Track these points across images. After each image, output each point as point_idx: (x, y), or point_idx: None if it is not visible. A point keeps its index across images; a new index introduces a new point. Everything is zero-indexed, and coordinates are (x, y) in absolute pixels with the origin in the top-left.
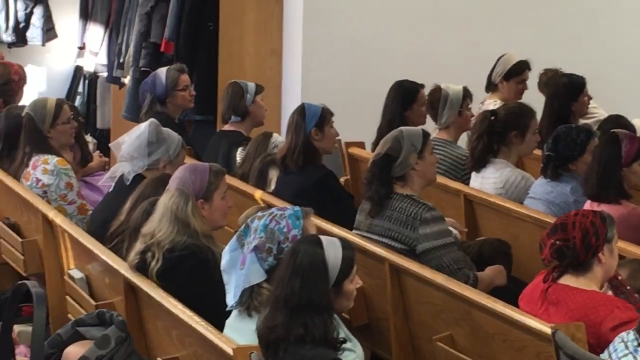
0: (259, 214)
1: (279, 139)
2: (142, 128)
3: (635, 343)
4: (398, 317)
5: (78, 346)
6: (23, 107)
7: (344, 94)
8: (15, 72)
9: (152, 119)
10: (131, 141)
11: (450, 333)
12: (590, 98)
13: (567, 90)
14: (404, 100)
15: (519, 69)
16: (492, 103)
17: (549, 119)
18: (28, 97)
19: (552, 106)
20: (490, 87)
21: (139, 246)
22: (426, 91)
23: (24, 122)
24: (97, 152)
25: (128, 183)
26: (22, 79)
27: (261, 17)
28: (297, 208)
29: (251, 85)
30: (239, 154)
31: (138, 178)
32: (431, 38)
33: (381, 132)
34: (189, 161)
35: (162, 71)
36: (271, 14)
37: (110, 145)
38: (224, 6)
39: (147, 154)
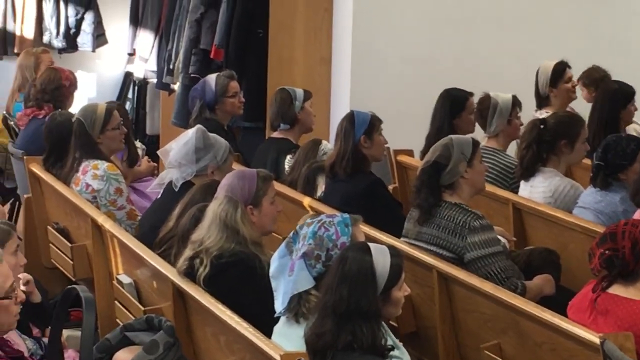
0: (308, 220)
1: (328, 146)
2: (189, 135)
3: None
4: (446, 326)
5: (126, 351)
6: (70, 113)
7: (393, 101)
8: (66, 78)
9: (198, 126)
10: (179, 148)
11: (498, 342)
12: (636, 109)
13: (616, 97)
14: (453, 108)
15: (560, 70)
16: (545, 113)
17: (596, 125)
18: (78, 103)
19: (600, 111)
20: (542, 100)
21: (187, 252)
22: (474, 99)
23: (74, 128)
24: (146, 157)
25: (177, 189)
26: (73, 85)
27: (311, 25)
28: (346, 215)
29: (299, 92)
30: (288, 162)
31: (186, 184)
32: (480, 46)
33: (430, 140)
34: (237, 168)
35: (211, 78)
36: (321, 22)
37: (158, 152)
38: (274, 13)
39: (195, 161)
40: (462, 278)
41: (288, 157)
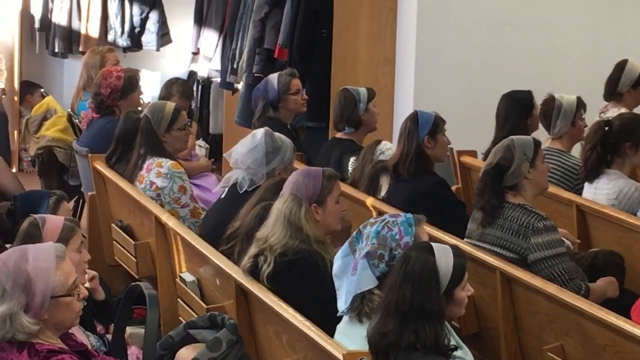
0: (372, 220)
1: (386, 146)
2: (258, 139)
3: None
4: (508, 327)
5: (189, 349)
6: (140, 112)
7: (456, 102)
8: (107, 85)
9: (266, 128)
10: (247, 152)
11: (561, 344)
12: None
13: None
14: (525, 109)
15: None
16: (617, 112)
17: None
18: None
19: None
20: (614, 95)
21: (252, 250)
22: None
23: (141, 124)
24: (202, 151)
25: (242, 192)
26: (118, 90)
27: (375, 25)
28: (409, 215)
29: (363, 92)
30: (352, 163)
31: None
32: (545, 46)
33: (495, 143)
34: (300, 167)
35: (273, 77)
36: (385, 22)
37: (225, 155)
38: (338, 13)
39: (265, 164)
40: (525, 279)
41: (352, 158)
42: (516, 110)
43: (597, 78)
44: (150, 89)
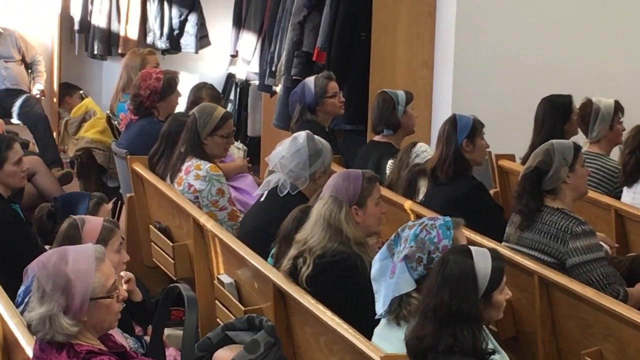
0: (410, 223)
1: (422, 148)
2: (300, 142)
3: None
4: (546, 331)
5: (227, 350)
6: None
7: (494, 106)
8: (146, 87)
9: (307, 131)
10: (290, 155)
11: (599, 348)
12: None
13: None
14: (563, 114)
15: None
16: None
17: None
18: (181, 104)
19: None
20: None
21: (291, 252)
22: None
23: (188, 122)
24: (239, 152)
25: (282, 195)
26: (157, 92)
27: (414, 28)
28: (447, 218)
29: (401, 95)
30: (389, 166)
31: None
32: (585, 50)
33: (535, 147)
34: (338, 169)
35: (310, 80)
36: (424, 25)
37: (265, 159)
38: (377, 16)
39: (308, 167)
40: (564, 283)
41: (390, 161)
42: (554, 115)
43: (636, 82)
44: (188, 92)
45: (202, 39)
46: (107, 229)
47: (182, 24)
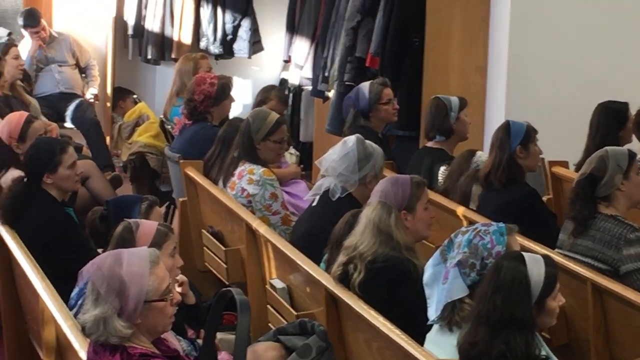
0: (463, 229)
1: (482, 157)
2: (350, 145)
3: None
4: (599, 339)
5: (270, 348)
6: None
7: (548, 112)
8: (200, 92)
9: (357, 135)
10: (340, 159)
11: None
12: None
13: None
14: (618, 121)
15: None
16: None
17: None
18: (234, 110)
19: None
20: None
21: (341, 258)
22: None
23: (241, 126)
24: (292, 158)
25: (334, 199)
26: (211, 97)
27: (467, 34)
28: (501, 224)
29: (454, 101)
30: (441, 173)
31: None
32: (639, 56)
33: (589, 153)
34: (390, 175)
35: (364, 85)
36: (477, 31)
37: (316, 162)
38: (430, 22)
39: (357, 170)
40: (617, 291)
41: (442, 167)
42: (609, 121)
43: None
44: (241, 97)
45: (255, 44)
46: (161, 233)
47: (236, 29)
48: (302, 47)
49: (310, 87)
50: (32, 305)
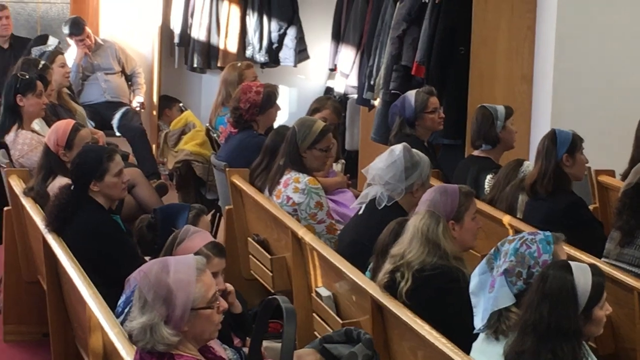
0: (510, 237)
1: (529, 168)
2: (397, 154)
3: None
4: None
5: (311, 354)
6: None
7: (594, 120)
8: (246, 100)
9: (404, 144)
10: (386, 167)
11: None
12: None
13: None
14: None
15: None
16: None
17: None
18: (280, 118)
19: None
20: None
21: (387, 266)
22: None
23: (287, 134)
24: (339, 168)
25: (380, 207)
26: (256, 105)
27: (513, 43)
28: (548, 233)
29: (500, 110)
30: (488, 181)
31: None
32: None
33: (634, 163)
34: (436, 184)
35: (411, 94)
36: (523, 40)
37: (362, 170)
38: (476, 30)
39: (404, 179)
40: None
41: (489, 176)
42: None
43: None
44: (287, 105)
45: (301, 53)
46: (202, 255)
47: (281, 37)
48: (348, 56)
49: (355, 96)
50: (79, 313)
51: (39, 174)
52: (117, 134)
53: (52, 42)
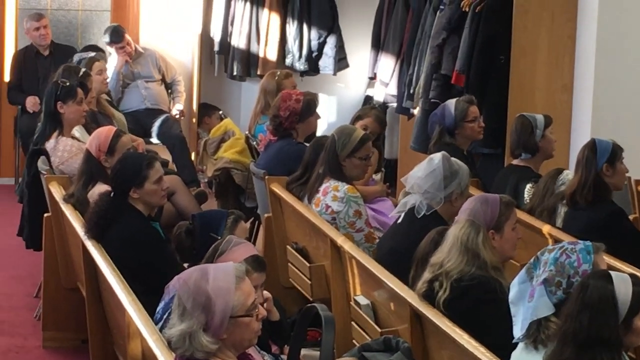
0: (549, 247)
1: (569, 176)
2: (435, 163)
3: None
4: None
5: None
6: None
7: (634, 130)
8: (286, 108)
9: (443, 152)
10: (425, 176)
11: None
12: None
13: None
14: None
15: None
16: None
17: None
18: (319, 126)
19: None
20: None
21: (426, 275)
22: None
23: (326, 143)
24: (379, 177)
25: (419, 216)
26: (296, 113)
27: (553, 52)
28: (588, 243)
29: (540, 119)
30: (527, 190)
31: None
32: None
33: None
34: (475, 193)
35: (451, 102)
36: (564, 49)
37: (401, 179)
38: (516, 39)
39: (443, 188)
40: None
41: (528, 185)
42: None
43: None
44: (326, 114)
45: (341, 61)
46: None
47: (321, 46)
48: (388, 64)
49: (395, 104)
50: (118, 319)
51: (79, 180)
52: (157, 141)
53: (111, 50)
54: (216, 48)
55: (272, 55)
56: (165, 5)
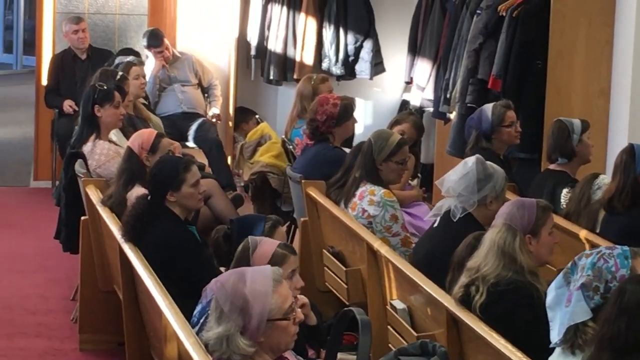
0: (587, 252)
1: (605, 180)
2: (469, 165)
3: None
4: None
5: None
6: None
7: None
8: (323, 112)
9: (477, 155)
10: (459, 179)
11: None
12: None
13: None
14: None
15: None
16: None
17: None
18: (356, 131)
19: None
20: None
21: (463, 279)
22: None
23: (363, 147)
24: (415, 182)
25: (455, 219)
26: (333, 118)
27: (590, 57)
28: (625, 247)
29: (577, 124)
30: (564, 195)
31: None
32: None
33: None
34: (512, 197)
35: (488, 107)
36: (601, 54)
37: (436, 182)
38: (553, 44)
39: (477, 191)
40: None
41: (564, 190)
42: None
43: None
44: (362, 118)
45: (377, 66)
46: (279, 255)
47: (358, 50)
48: (424, 69)
49: (431, 109)
50: (154, 322)
51: (119, 179)
52: (193, 145)
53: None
54: (253, 52)
55: (309, 59)
56: (202, 10)
